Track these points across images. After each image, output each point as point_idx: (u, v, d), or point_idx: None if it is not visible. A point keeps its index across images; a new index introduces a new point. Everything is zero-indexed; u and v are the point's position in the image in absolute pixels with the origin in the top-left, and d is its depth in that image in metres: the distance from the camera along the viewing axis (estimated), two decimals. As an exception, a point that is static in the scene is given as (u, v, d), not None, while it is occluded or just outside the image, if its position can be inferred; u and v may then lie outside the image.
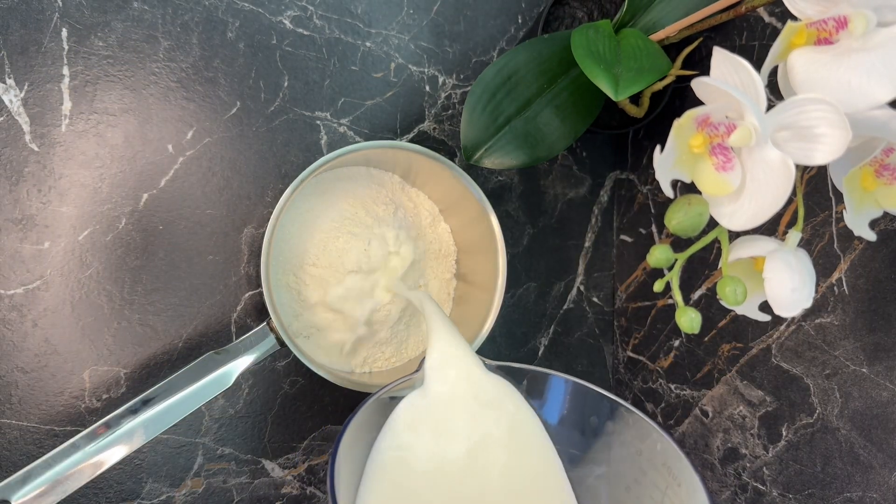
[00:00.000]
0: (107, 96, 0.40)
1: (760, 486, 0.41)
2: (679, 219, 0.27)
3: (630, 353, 0.52)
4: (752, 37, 0.40)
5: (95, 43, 0.40)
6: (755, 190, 0.25)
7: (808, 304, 0.27)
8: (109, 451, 0.34)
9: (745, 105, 0.24)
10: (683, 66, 0.42)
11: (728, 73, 0.25)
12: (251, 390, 0.43)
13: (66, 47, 0.39)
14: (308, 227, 0.42)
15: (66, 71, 0.39)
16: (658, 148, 0.26)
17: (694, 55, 0.43)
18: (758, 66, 0.25)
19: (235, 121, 0.42)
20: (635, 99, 0.45)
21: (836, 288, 0.36)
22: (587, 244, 0.53)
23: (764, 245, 0.28)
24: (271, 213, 0.38)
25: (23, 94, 0.38)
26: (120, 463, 0.36)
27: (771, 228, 0.39)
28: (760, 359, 0.41)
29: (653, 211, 0.50)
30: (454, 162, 0.43)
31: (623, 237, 0.53)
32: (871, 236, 0.27)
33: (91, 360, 0.40)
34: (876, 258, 0.34)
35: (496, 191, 0.49)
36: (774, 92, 0.28)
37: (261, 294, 0.43)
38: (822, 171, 0.36)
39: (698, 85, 0.25)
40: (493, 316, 0.43)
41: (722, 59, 0.25)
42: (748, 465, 0.42)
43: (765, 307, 0.29)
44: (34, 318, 0.39)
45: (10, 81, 0.38)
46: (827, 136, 0.23)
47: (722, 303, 0.28)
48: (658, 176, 0.27)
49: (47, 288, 0.39)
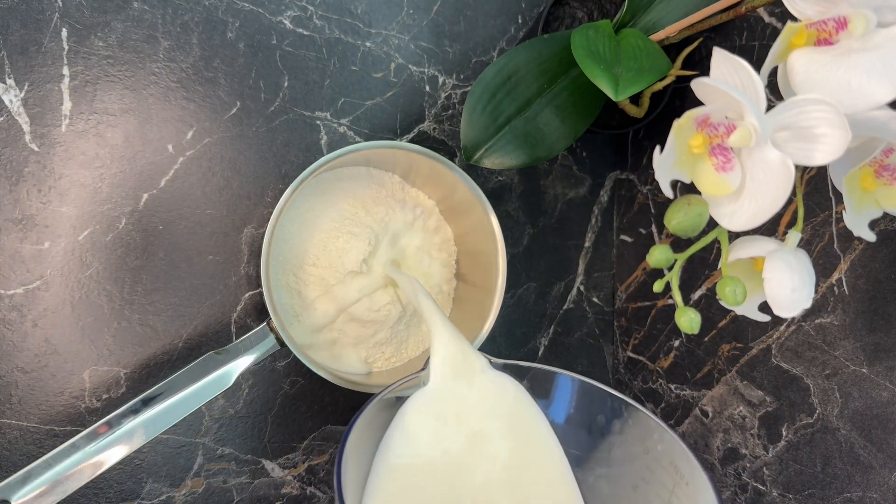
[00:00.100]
0: (107, 96, 0.40)
1: (760, 487, 0.41)
2: (679, 219, 0.27)
3: (630, 353, 0.52)
4: (752, 37, 0.40)
5: (95, 43, 0.40)
6: (755, 190, 0.25)
7: (807, 304, 0.27)
8: (109, 451, 0.34)
9: (745, 105, 0.24)
10: (683, 67, 0.42)
11: (728, 73, 0.25)
12: (251, 390, 0.43)
13: (66, 47, 0.39)
14: (308, 227, 0.42)
15: (66, 71, 0.39)
16: (658, 148, 0.26)
17: (694, 55, 0.43)
18: (758, 66, 0.25)
19: (235, 121, 0.42)
20: (635, 99, 0.45)
21: (836, 288, 0.36)
22: (587, 244, 0.53)
23: (764, 245, 0.28)
24: (271, 213, 0.38)
25: (23, 94, 0.38)
26: (120, 463, 0.36)
27: (771, 228, 0.39)
28: (760, 359, 0.41)
29: (653, 211, 0.50)
30: (454, 162, 0.43)
31: (623, 237, 0.53)
32: (870, 237, 0.27)
33: (91, 360, 0.40)
34: (876, 258, 0.34)
35: (496, 191, 0.49)
36: (774, 92, 0.28)
37: (261, 294, 0.43)
38: (822, 171, 0.36)
39: (698, 85, 0.25)
40: (493, 316, 0.43)
41: (722, 59, 0.25)
42: (748, 465, 0.42)
43: (765, 307, 0.29)
44: (34, 318, 0.39)
45: (10, 81, 0.38)
46: (827, 137, 0.23)
47: (722, 303, 0.28)
48: (658, 176, 0.27)
49: (47, 288, 0.39)
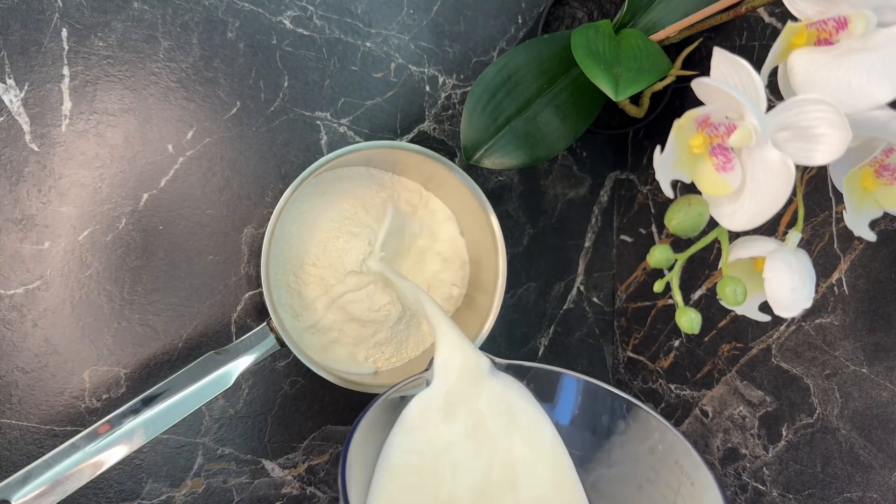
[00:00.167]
0: (107, 96, 0.40)
1: (760, 487, 0.41)
2: (679, 219, 0.27)
3: (630, 354, 0.52)
4: (752, 37, 0.40)
5: (95, 43, 0.40)
6: (755, 190, 0.25)
7: (808, 304, 0.27)
8: (109, 451, 0.34)
9: (745, 105, 0.24)
10: (683, 67, 0.42)
11: (728, 73, 0.25)
12: (251, 390, 0.43)
13: (66, 47, 0.39)
14: (308, 227, 0.42)
15: (66, 71, 0.39)
16: (658, 148, 0.26)
17: (694, 55, 0.43)
18: (758, 66, 0.25)
19: (235, 121, 0.42)
20: (635, 99, 0.45)
21: (836, 288, 0.36)
22: (587, 244, 0.53)
23: (764, 245, 0.28)
24: (271, 213, 0.38)
25: (23, 94, 0.38)
26: (120, 463, 0.36)
27: (771, 228, 0.39)
28: (760, 359, 0.41)
29: (653, 211, 0.50)
30: (454, 162, 0.43)
31: (623, 237, 0.53)
32: (871, 236, 0.27)
33: (91, 360, 0.40)
34: (876, 258, 0.34)
35: (496, 191, 0.49)
36: (774, 92, 0.28)
37: (261, 294, 0.43)
38: (822, 171, 0.36)
39: (698, 85, 0.25)
40: (493, 316, 0.43)
41: (722, 59, 0.25)
42: (748, 465, 0.42)
43: (765, 307, 0.29)
44: (34, 318, 0.39)
45: (10, 81, 0.38)
46: (827, 137, 0.23)
47: (722, 303, 0.28)
48: (658, 176, 0.27)
49: (47, 288, 0.39)
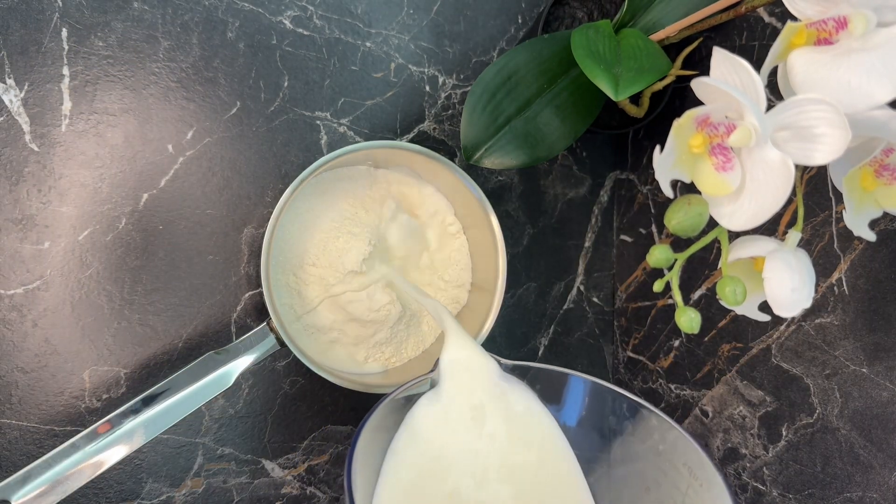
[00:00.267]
0: (107, 96, 0.40)
1: (760, 486, 0.41)
2: (679, 219, 0.27)
3: (630, 353, 0.52)
4: (752, 37, 0.40)
5: (95, 43, 0.40)
6: (755, 190, 0.25)
7: (807, 304, 0.27)
8: (109, 451, 0.34)
9: (745, 105, 0.24)
10: (683, 66, 0.42)
11: (728, 73, 0.25)
12: (251, 390, 0.43)
13: (66, 47, 0.39)
14: (308, 227, 0.42)
15: (66, 71, 0.39)
16: (658, 148, 0.26)
17: (694, 55, 0.43)
18: (758, 66, 0.25)
19: (235, 121, 0.42)
20: (635, 99, 0.45)
21: (836, 288, 0.36)
22: (587, 244, 0.53)
23: (764, 245, 0.28)
24: (271, 213, 0.38)
25: (23, 94, 0.38)
26: (120, 463, 0.36)
27: (771, 228, 0.39)
28: (760, 359, 0.41)
29: (653, 211, 0.50)
30: (454, 162, 0.43)
31: (623, 237, 0.53)
32: (870, 236, 0.27)
33: (91, 360, 0.40)
34: (876, 258, 0.34)
35: (496, 191, 0.49)
36: (774, 92, 0.28)
37: (261, 294, 0.43)
38: (822, 171, 0.36)
39: (698, 85, 0.25)
40: (493, 316, 0.43)
41: (722, 59, 0.25)
42: (748, 465, 0.42)
43: (765, 307, 0.29)
44: (34, 318, 0.39)
45: (10, 81, 0.38)
46: (827, 136, 0.23)
47: (722, 303, 0.27)
48: (658, 176, 0.27)
49: (47, 288, 0.39)
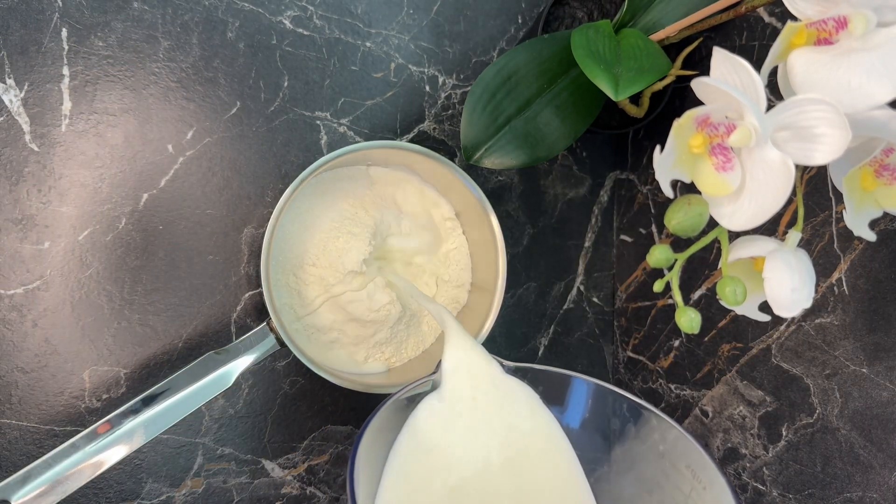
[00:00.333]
0: (107, 96, 0.40)
1: (760, 486, 0.41)
2: (679, 219, 0.27)
3: (630, 353, 0.52)
4: (752, 37, 0.40)
5: (95, 43, 0.40)
6: (755, 190, 0.25)
7: (807, 304, 0.27)
8: (109, 451, 0.34)
9: (745, 105, 0.24)
10: (683, 66, 0.42)
11: (728, 73, 0.25)
12: (251, 390, 0.43)
13: (66, 47, 0.39)
14: (308, 227, 0.42)
15: (66, 71, 0.39)
16: (658, 148, 0.26)
17: (694, 55, 0.43)
18: (758, 66, 0.25)
19: (235, 121, 0.42)
20: (635, 99, 0.45)
21: (836, 288, 0.36)
22: (587, 244, 0.53)
23: (764, 245, 0.28)
24: (271, 213, 0.38)
25: (23, 94, 0.38)
26: (120, 463, 0.36)
27: (771, 228, 0.39)
28: (760, 359, 0.41)
29: (653, 211, 0.50)
30: (454, 162, 0.43)
31: (623, 237, 0.53)
32: (870, 236, 0.27)
33: (91, 360, 0.40)
34: (876, 258, 0.34)
35: (496, 191, 0.49)
36: (774, 92, 0.28)
37: (261, 294, 0.43)
38: (822, 171, 0.36)
39: (698, 85, 0.25)
40: (493, 316, 0.43)
41: (722, 59, 0.25)
42: (748, 465, 0.42)
43: (765, 307, 0.29)
44: (34, 318, 0.39)
45: (10, 81, 0.38)
46: (827, 137, 0.23)
47: (722, 303, 0.27)
48: (658, 176, 0.27)
49: (47, 288, 0.39)
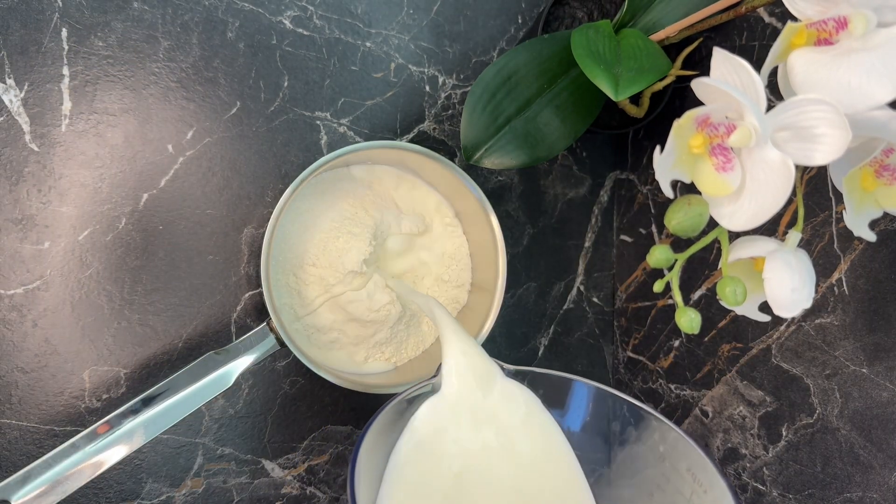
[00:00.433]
0: (107, 96, 0.40)
1: (760, 487, 0.41)
2: (679, 219, 0.27)
3: (630, 354, 0.52)
4: (752, 37, 0.40)
5: (95, 43, 0.40)
6: (755, 190, 0.25)
7: (807, 304, 0.27)
8: (109, 451, 0.34)
9: (745, 105, 0.24)
10: (683, 67, 0.42)
11: (728, 73, 0.25)
12: (251, 390, 0.43)
13: (66, 47, 0.39)
14: (308, 227, 0.42)
15: (66, 71, 0.39)
16: (658, 148, 0.26)
17: (694, 55, 0.43)
18: (758, 66, 0.25)
19: (235, 121, 0.42)
20: (635, 99, 0.45)
21: (836, 288, 0.36)
22: (587, 244, 0.53)
23: (764, 245, 0.28)
24: (271, 213, 0.38)
25: (23, 94, 0.38)
26: (120, 463, 0.36)
27: (771, 228, 0.39)
28: (760, 359, 0.41)
29: (653, 211, 0.50)
30: (454, 162, 0.43)
31: (623, 237, 0.53)
32: (871, 237, 0.27)
33: (91, 360, 0.40)
34: (876, 258, 0.34)
35: (496, 191, 0.49)
36: (774, 92, 0.28)
37: (261, 294, 0.43)
38: (822, 171, 0.36)
39: (698, 85, 0.25)
40: (493, 316, 0.43)
41: (722, 59, 0.25)
42: (748, 465, 0.42)
43: (765, 307, 0.29)
44: (34, 318, 0.39)
45: (10, 81, 0.38)
46: (827, 137, 0.23)
47: (722, 303, 0.27)
48: (658, 176, 0.27)
49: (47, 288, 0.39)
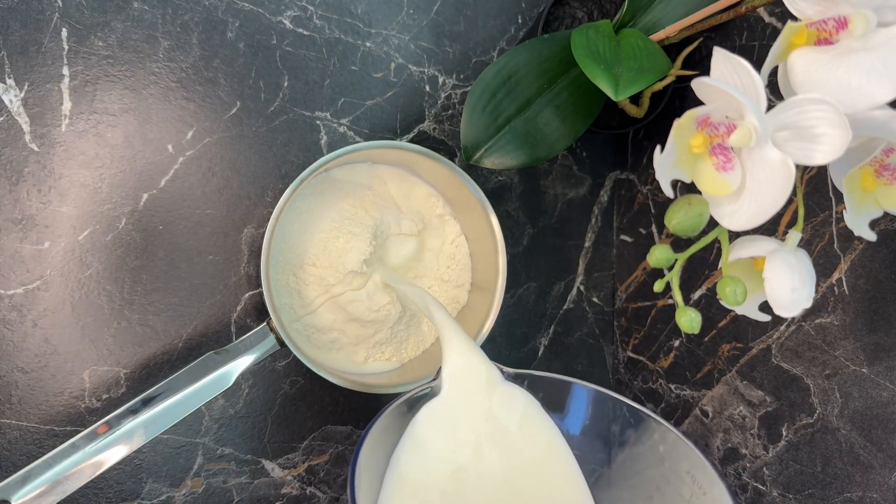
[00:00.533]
0: (107, 96, 0.40)
1: (760, 486, 0.41)
2: (679, 219, 0.27)
3: (630, 354, 0.52)
4: (752, 37, 0.40)
5: (95, 43, 0.40)
6: (755, 190, 0.25)
7: (808, 304, 0.27)
8: (109, 451, 0.34)
9: (745, 105, 0.24)
10: (683, 66, 0.42)
11: (728, 73, 0.25)
12: (251, 390, 0.43)
13: (66, 47, 0.39)
14: (308, 227, 0.42)
15: (66, 71, 0.39)
16: (658, 148, 0.26)
17: (694, 55, 0.43)
18: (758, 66, 0.25)
19: (235, 121, 0.42)
20: (635, 99, 0.45)
21: (836, 288, 0.36)
22: (587, 244, 0.53)
23: (764, 245, 0.28)
24: (271, 213, 0.38)
25: (23, 94, 0.38)
26: (120, 463, 0.36)
27: (771, 228, 0.39)
28: (760, 359, 0.41)
29: (653, 211, 0.50)
30: (454, 162, 0.43)
31: (623, 237, 0.53)
32: (871, 236, 0.27)
33: (91, 360, 0.40)
34: (876, 258, 0.34)
35: (496, 191, 0.49)
36: (774, 92, 0.28)
37: (261, 294, 0.43)
38: (822, 171, 0.36)
39: (698, 85, 0.25)
40: (493, 316, 0.43)
41: (722, 59, 0.25)
42: (748, 465, 0.42)
43: (765, 307, 0.29)
44: (34, 318, 0.39)
45: (10, 81, 0.38)
46: (827, 136, 0.23)
47: (722, 303, 0.27)
48: (658, 176, 0.27)
49: (47, 288, 0.39)
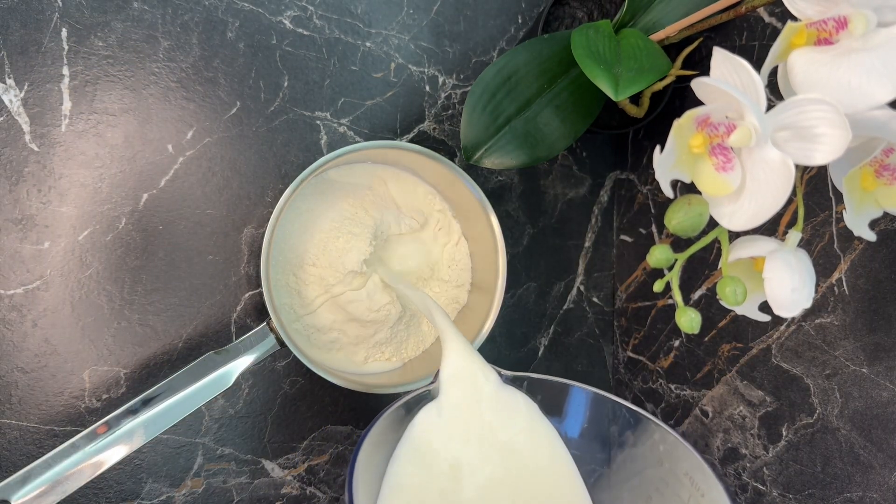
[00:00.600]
0: (107, 96, 0.40)
1: (760, 486, 0.41)
2: (679, 219, 0.27)
3: (630, 354, 0.52)
4: (752, 37, 0.40)
5: (95, 43, 0.40)
6: (755, 190, 0.25)
7: (808, 304, 0.27)
8: (109, 451, 0.34)
9: (745, 105, 0.24)
10: (683, 66, 0.42)
11: (728, 73, 0.25)
12: (251, 390, 0.43)
13: (66, 47, 0.39)
14: (308, 227, 0.42)
15: (66, 71, 0.39)
16: (658, 148, 0.26)
17: (694, 55, 0.43)
18: (758, 66, 0.25)
19: (235, 121, 0.42)
20: (635, 99, 0.45)
21: (836, 288, 0.36)
22: (587, 244, 0.53)
23: (764, 245, 0.28)
24: (271, 213, 0.38)
25: (23, 94, 0.38)
26: (120, 463, 0.36)
27: (771, 228, 0.39)
28: (760, 359, 0.41)
29: (653, 211, 0.50)
30: (454, 162, 0.43)
31: (623, 237, 0.53)
32: (871, 236, 0.27)
33: (91, 360, 0.40)
34: (876, 258, 0.34)
35: (496, 191, 0.49)
36: (774, 92, 0.28)
37: (261, 294, 0.43)
38: (822, 171, 0.36)
39: (698, 85, 0.25)
40: (493, 316, 0.43)
41: (722, 59, 0.25)
42: (748, 465, 0.42)
43: (765, 307, 0.29)
44: (34, 318, 0.39)
45: (10, 81, 0.38)
46: (827, 136, 0.23)
47: (722, 303, 0.27)
48: (658, 176, 0.27)
49: (47, 288, 0.39)
